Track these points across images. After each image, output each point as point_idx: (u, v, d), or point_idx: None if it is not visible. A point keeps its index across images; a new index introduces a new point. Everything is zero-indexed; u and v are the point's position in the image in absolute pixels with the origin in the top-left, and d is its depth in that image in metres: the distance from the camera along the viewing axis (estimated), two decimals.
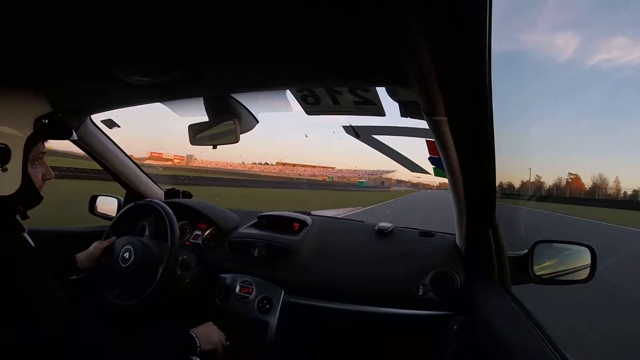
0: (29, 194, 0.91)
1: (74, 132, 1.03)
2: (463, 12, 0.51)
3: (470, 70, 0.64)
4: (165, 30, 0.74)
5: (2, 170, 0.85)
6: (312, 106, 1.05)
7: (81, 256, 1.30)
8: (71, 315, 0.83)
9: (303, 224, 1.60)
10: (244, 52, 0.83)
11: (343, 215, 10.52)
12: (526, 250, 1.24)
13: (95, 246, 1.36)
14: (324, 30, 0.70)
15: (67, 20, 0.70)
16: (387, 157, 1.24)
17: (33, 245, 0.90)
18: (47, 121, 0.92)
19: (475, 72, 0.64)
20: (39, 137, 0.91)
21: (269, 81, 1.01)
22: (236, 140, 1.16)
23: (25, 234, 0.91)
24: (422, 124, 0.90)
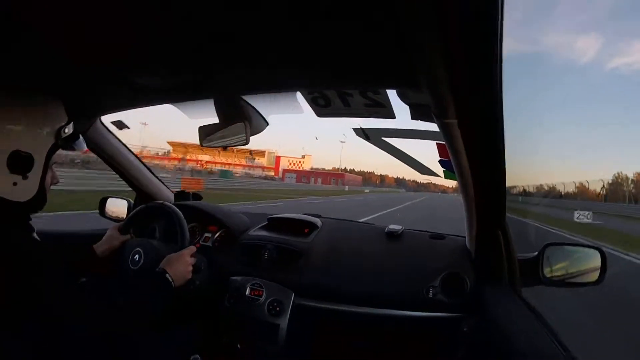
0: (39, 199, 0.93)
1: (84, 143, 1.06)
2: (473, 16, 0.52)
3: (481, 73, 0.64)
4: (177, 32, 0.75)
5: (23, 178, 0.87)
6: (323, 108, 1.06)
7: (98, 246, 1.30)
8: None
9: (313, 226, 1.61)
10: (254, 55, 0.84)
11: None
12: (536, 253, 1.23)
13: (112, 235, 1.35)
14: (335, 33, 0.71)
15: (78, 22, 0.71)
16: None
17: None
18: (67, 131, 0.95)
19: (486, 75, 0.64)
20: (59, 147, 0.94)
21: (279, 83, 1.02)
22: (246, 142, 1.17)
23: (34, 234, 0.93)
24: (433, 126, 0.91)
